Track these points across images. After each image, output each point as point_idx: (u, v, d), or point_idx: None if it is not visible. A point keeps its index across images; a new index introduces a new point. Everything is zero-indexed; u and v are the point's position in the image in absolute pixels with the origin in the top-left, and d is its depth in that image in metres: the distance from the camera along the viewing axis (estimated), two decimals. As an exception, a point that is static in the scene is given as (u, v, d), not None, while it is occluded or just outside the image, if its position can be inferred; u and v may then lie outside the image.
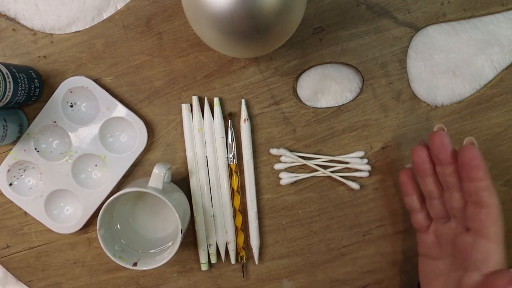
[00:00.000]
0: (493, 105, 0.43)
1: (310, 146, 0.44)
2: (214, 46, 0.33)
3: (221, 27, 0.29)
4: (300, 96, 0.44)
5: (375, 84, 0.43)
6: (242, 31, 0.29)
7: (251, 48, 0.31)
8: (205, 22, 0.29)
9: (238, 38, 0.30)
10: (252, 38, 0.29)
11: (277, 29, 0.30)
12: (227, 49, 0.32)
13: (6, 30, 0.42)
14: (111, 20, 0.42)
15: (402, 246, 0.46)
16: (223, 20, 0.28)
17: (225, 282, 0.47)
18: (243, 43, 0.30)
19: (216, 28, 0.29)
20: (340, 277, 0.47)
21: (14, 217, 0.46)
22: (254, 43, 0.30)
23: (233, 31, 0.29)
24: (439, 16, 0.41)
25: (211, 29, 0.30)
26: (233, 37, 0.29)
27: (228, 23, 0.28)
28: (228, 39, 0.30)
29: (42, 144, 0.44)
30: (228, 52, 0.33)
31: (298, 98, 0.44)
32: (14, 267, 0.47)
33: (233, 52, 0.33)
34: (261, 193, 0.45)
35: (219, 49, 0.33)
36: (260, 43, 0.31)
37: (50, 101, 0.42)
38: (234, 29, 0.29)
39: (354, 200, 0.45)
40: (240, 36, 0.29)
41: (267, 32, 0.29)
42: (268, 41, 0.31)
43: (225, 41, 0.30)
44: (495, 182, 0.44)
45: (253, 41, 0.30)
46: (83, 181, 0.44)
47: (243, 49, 0.31)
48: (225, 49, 0.32)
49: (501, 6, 0.41)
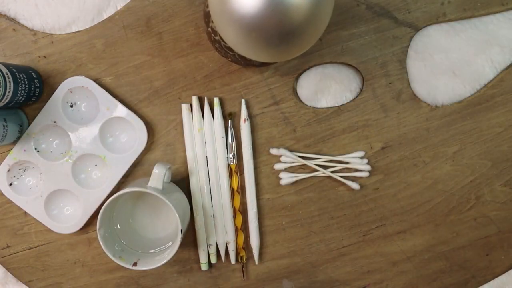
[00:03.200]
0: (493, 105, 0.43)
1: (310, 146, 0.44)
2: (242, 51, 0.33)
3: (251, 33, 0.29)
4: (300, 96, 0.44)
5: (375, 84, 0.43)
6: (271, 36, 0.29)
7: (279, 53, 0.31)
8: (234, 27, 0.29)
9: (267, 44, 0.29)
10: (281, 44, 0.29)
11: (306, 34, 0.30)
12: (255, 54, 0.32)
13: (6, 30, 0.42)
14: (111, 20, 0.42)
15: (402, 246, 0.46)
16: (253, 26, 0.28)
17: (225, 282, 0.47)
18: (271, 48, 0.30)
19: (245, 34, 0.29)
20: (340, 277, 0.47)
21: (14, 217, 0.46)
22: (282, 48, 0.30)
23: (262, 37, 0.29)
24: (439, 16, 0.41)
25: (240, 34, 0.29)
26: (262, 43, 0.29)
27: (258, 29, 0.28)
28: (257, 45, 0.30)
29: (42, 144, 0.44)
30: (255, 57, 0.33)
31: (298, 98, 0.44)
32: (14, 267, 0.47)
33: (261, 57, 0.33)
34: (261, 193, 0.45)
35: (246, 54, 0.33)
36: (289, 47, 0.30)
37: (50, 101, 0.42)
38: (264, 35, 0.29)
39: (354, 200, 0.45)
40: (269, 42, 0.29)
41: (296, 37, 0.29)
42: (297, 46, 0.31)
43: (254, 47, 0.30)
44: (495, 182, 0.44)
45: (282, 46, 0.30)
46: (83, 181, 0.44)
47: (271, 54, 0.31)
48: (253, 54, 0.32)
49: (501, 6, 0.41)
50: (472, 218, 0.45)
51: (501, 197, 0.44)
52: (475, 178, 0.44)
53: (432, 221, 0.45)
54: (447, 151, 0.44)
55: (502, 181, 0.44)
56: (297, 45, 0.30)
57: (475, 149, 0.44)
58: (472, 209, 0.45)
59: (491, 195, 0.44)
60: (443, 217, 0.45)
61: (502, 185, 0.44)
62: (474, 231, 0.45)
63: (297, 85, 0.44)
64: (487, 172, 0.44)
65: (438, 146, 0.44)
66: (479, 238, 0.45)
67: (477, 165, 0.44)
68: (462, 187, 0.44)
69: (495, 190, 0.44)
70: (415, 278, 0.46)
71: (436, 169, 0.44)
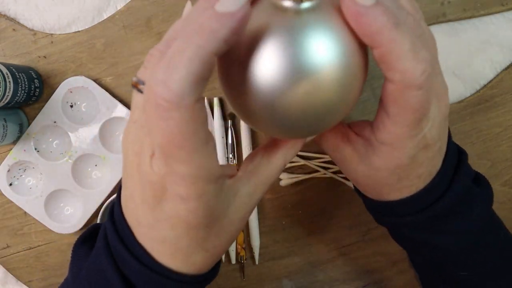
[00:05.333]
0: (493, 105, 0.43)
1: (310, 146, 0.44)
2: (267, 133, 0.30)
3: (283, 132, 0.25)
4: (300, 96, 0.44)
5: (375, 84, 0.43)
6: (301, 134, 0.26)
7: (306, 131, 0.28)
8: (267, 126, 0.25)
9: (297, 137, 0.28)
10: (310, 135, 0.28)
11: (334, 124, 0.27)
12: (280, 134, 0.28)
13: (6, 30, 0.42)
14: (111, 20, 0.42)
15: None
16: (285, 127, 0.24)
17: (225, 282, 0.47)
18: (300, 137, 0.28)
19: (277, 132, 0.26)
20: (340, 276, 0.47)
21: (14, 217, 0.46)
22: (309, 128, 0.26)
23: (294, 135, 0.27)
24: (439, 16, 0.41)
25: (273, 131, 0.26)
26: (293, 137, 0.28)
27: (291, 130, 0.25)
28: (287, 137, 0.28)
29: (42, 144, 0.44)
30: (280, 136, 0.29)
31: (298, 98, 0.44)
32: (14, 267, 0.47)
33: (286, 136, 0.29)
34: (261, 193, 0.45)
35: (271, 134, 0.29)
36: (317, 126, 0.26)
37: (50, 101, 0.42)
38: (295, 134, 0.26)
39: (354, 200, 0.45)
40: (299, 136, 0.27)
41: (324, 129, 0.27)
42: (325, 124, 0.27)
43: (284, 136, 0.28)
44: (495, 182, 0.44)
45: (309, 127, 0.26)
46: (83, 181, 0.44)
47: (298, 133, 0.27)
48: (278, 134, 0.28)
49: (501, 6, 0.41)
50: (471, 218, 0.45)
51: (500, 197, 0.44)
52: (474, 178, 0.44)
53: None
54: (447, 151, 0.44)
55: (502, 181, 0.44)
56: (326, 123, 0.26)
57: (475, 149, 0.44)
58: (472, 209, 0.45)
59: (490, 195, 0.44)
60: (443, 217, 0.45)
61: (501, 185, 0.44)
62: (474, 231, 0.45)
63: (297, 85, 0.44)
64: (487, 172, 0.44)
65: (438, 146, 0.44)
66: (479, 238, 0.45)
67: (477, 165, 0.44)
68: (462, 187, 0.44)
69: (495, 190, 0.44)
70: (415, 278, 0.46)
71: (436, 169, 0.44)
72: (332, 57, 0.21)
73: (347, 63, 0.22)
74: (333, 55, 0.21)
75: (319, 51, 0.21)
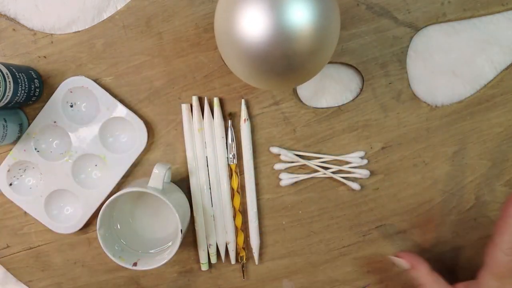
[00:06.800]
0: (493, 105, 0.43)
1: (310, 146, 0.44)
2: (247, 80, 0.34)
3: (256, 66, 0.30)
4: (300, 96, 0.44)
5: (375, 84, 0.43)
6: (276, 69, 0.29)
7: (283, 83, 0.32)
8: (240, 59, 0.30)
9: (272, 75, 0.30)
10: (285, 75, 0.30)
11: (310, 66, 0.31)
12: (260, 84, 0.33)
13: (6, 30, 0.42)
14: (111, 20, 0.42)
15: (402, 246, 0.46)
16: (258, 59, 0.29)
17: (225, 282, 0.47)
18: (276, 79, 0.31)
19: (251, 66, 0.30)
20: (340, 277, 0.47)
21: (14, 217, 0.46)
22: (286, 79, 0.31)
23: (267, 69, 0.30)
24: (439, 16, 0.41)
25: (246, 66, 0.31)
26: (267, 74, 0.31)
27: (264, 62, 0.29)
28: (262, 76, 0.31)
29: (42, 144, 0.44)
30: (260, 86, 0.34)
31: (298, 98, 0.44)
32: (14, 267, 0.47)
33: (265, 86, 0.34)
34: (261, 193, 0.45)
35: (252, 83, 0.34)
36: (293, 78, 0.31)
37: (50, 101, 0.42)
38: (269, 68, 0.30)
39: (354, 200, 0.45)
40: (274, 74, 0.30)
41: (300, 69, 0.30)
42: (301, 76, 0.32)
43: (260, 78, 0.31)
44: (495, 182, 0.44)
45: (286, 77, 0.31)
46: (83, 181, 0.44)
47: (275, 84, 0.32)
48: (258, 84, 0.33)
49: (501, 6, 0.41)
50: (472, 218, 0.45)
51: (501, 197, 0.44)
52: (475, 178, 0.44)
53: (432, 221, 0.45)
54: (447, 151, 0.44)
55: (502, 181, 0.44)
56: (303, 75, 0.32)
57: (475, 149, 0.44)
58: (472, 209, 0.45)
59: (491, 195, 0.44)
60: (443, 217, 0.45)
61: (502, 185, 0.44)
62: (474, 231, 0.45)
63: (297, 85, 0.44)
64: (487, 172, 0.44)
65: (438, 146, 0.44)
66: (479, 238, 0.45)
67: (477, 165, 0.44)
68: (462, 187, 0.44)
69: (495, 190, 0.44)
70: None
71: (436, 169, 0.44)
72: None
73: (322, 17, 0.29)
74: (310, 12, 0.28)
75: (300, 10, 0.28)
